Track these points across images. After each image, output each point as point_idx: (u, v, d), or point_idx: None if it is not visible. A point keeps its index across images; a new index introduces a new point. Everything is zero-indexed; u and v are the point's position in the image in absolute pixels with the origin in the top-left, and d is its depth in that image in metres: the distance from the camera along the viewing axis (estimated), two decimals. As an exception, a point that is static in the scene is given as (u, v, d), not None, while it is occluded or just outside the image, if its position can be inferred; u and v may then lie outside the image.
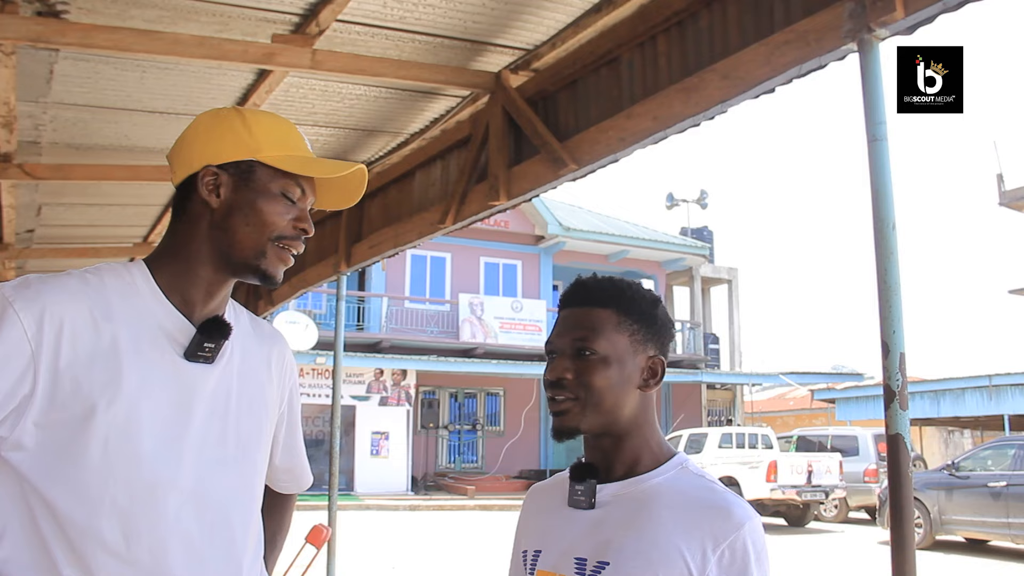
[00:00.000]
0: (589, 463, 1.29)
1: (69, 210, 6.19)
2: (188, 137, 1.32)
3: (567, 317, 1.29)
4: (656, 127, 3.06)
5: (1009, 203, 20.62)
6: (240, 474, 1.30)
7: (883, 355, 2.13)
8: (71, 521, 1.14)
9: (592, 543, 1.23)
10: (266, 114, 1.36)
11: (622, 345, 1.26)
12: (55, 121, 4.39)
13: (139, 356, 1.20)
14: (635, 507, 1.22)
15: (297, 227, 1.29)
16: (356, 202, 1.40)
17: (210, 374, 1.27)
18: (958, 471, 12.35)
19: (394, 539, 12.71)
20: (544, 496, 1.39)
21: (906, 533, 2.11)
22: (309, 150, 1.35)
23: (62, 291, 1.18)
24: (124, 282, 1.24)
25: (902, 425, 2.11)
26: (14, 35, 3.12)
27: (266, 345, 1.42)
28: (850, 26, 2.32)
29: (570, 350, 1.26)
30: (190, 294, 1.27)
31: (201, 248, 1.27)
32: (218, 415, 1.28)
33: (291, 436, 1.50)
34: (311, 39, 3.42)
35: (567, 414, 1.24)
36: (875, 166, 2.22)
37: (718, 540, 1.15)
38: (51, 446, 1.14)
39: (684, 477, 1.25)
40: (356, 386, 19.49)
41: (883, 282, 2.16)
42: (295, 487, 1.57)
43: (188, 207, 1.29)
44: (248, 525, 1.32)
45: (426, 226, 4.56)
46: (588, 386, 1.23)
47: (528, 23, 3.47)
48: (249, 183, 1.27)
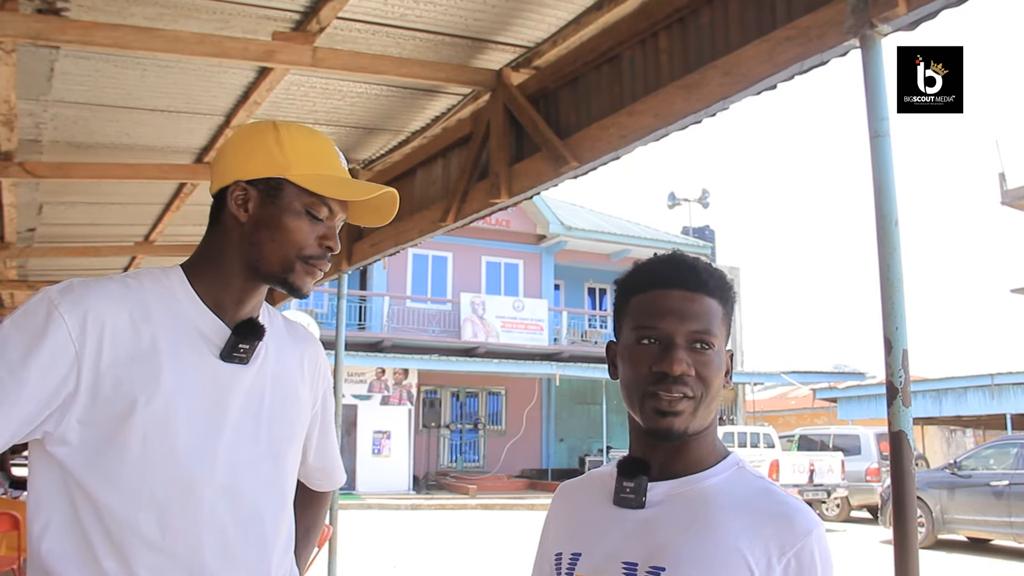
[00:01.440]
0: (638, 458, 1.18)
1: (70, 209, 6.19)
2: (226, 149, 1.37)
3: (677, 301, 1.15)
4: (657, 124, 3.05)
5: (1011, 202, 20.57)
6: (272, 471, 1.35)
7: (886, 351, 2.12)
8: (111, 513, 1.19)
9: (643, 546, 1.12)
10: (302, 129, 1.38)
11: (723, 340, 1.17)
12: (56, 119, 4.39)
13: (176, 356, 1.25)
14: (692, 508, 1.13)
15: (323, 244, 1.32)
16: (389, 222, 1.41)
17: (245, 374, 1.32)
18: (960, 470, 12.34)
19: (395, 538, 12.71)
20: (578, 494, 1.29)
21: (909, 530, 2.10)
22: (343, 167, 1.38)
23: (104, 295, 1.23)
24: (162, 287, 1.29)
25: (905, 422, 2.10)
26: (14, 33, 3.11)
27: (299, 347, 1.46)
28: (852, 22, 2.31)
29: (686, 342, 1.13)
30: (224, 299, 1.32)
31: (233, 258, 1.32)
32: (252, 414, 1.32)
33: (324, 436, 1.54)
34: (312, 36, 3.42)
35: (681, 415, 1.12)
36: (877, 162, 2.21)
37: (784, 548, 1.07)
38: (93, 441, 1.20)
39: (742, 478, 1.17)
40: (358, 385, 19.50)
41: (886, 279, 2.15)
42: (328, 485, 1.62)
43: (221, 218, 1.34)
44: (279, 521, 1.36)
45: (427, 224, 4.55)
46: (707, 384, 1.13)
47: (529, 20, 3.46)
48: (276, 200, 1.30)
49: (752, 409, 25.77)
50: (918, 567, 2.10)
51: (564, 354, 22.27)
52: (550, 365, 21.02)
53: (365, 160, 5.22)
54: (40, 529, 1.20)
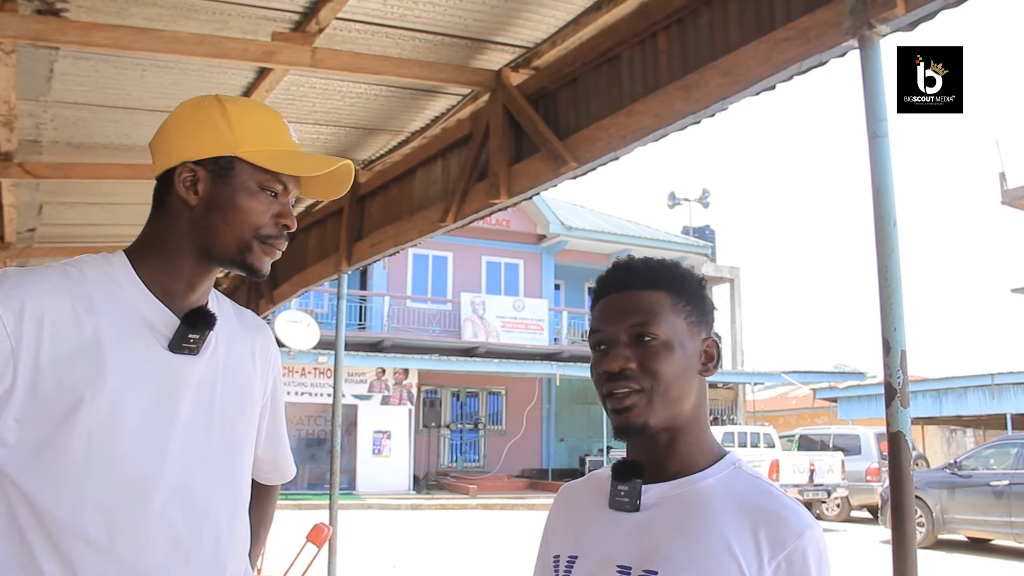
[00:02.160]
0: (633, 461, 1.18)
1: (70, 209, 6.19)
2: (168, 128, 1.28)
3: (615, 303, 1.18)
4: (656, 124, 3.05)
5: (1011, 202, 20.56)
6: (226, 466, 1.29)
7: (884, 352, 2.12)
8: (52, 516, 1.12)
9: (637, 549, 1.12)
10: (248, 104, 1.32)
11: (680, 328, 1.16)
12: (56, 120, 4.39)
13: (123, 349, 1.18)
14: (685, 510, 1.12)
15: (279, 223, 1.27)
16: (343, 194, 1.36)
17: (195, 365, 1.25)
18: (960, 470, 12.34)
19: (395, 538, 12.71)
20: (577, 496, 1.29)
21: (907, 531, 2.10)
22: (294, 141, 1.31)
23: (42, 284, 1.16)
24: (105, 274, 1.22)
25: (903, 423, 2.10)
26: (14, 33, 3.11)
27: (250, 335, 1.40)
28: (851, 23, 2.31)
29: (627, 337, 1.14)
30: (172, 286, 1.26)
31: (182, 242, 1.25)
32: (203, 407, 1.26)
33: (274, 427, 1.47)
34: (311, 37, 3.42)
35: (633, 409, 1.12)
36: (876, 163, 2.21)
37: (775, 550, 1.06)
38: (32, 441, 1.13)
39: (738, 478, 1.15)
40: (358, 385, 19.50)
41: (884, 279, 2.15)
42: (278, 478, 1.54)
43: (167, 201, 1.27)
44: (235, 519, 1.30)
45: (427, 224, 4.55)
46: (655, 375, 1.12)
47: (529, 21, 3.46)
48: (228, 179, 1.24)
49: (752, 409, 25.76)
50: (916, 568, 2.10)
51: (564, 354, 22.27)
52: (550, 365, 21.03)
53: (365, 160, 5.22)
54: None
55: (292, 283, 6.60)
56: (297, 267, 6.54)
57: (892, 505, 2.13)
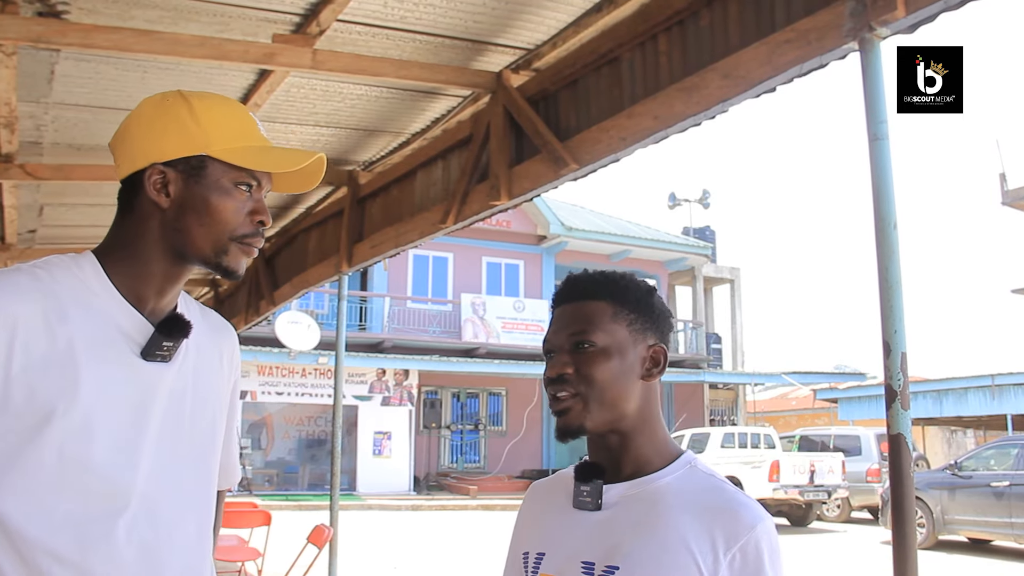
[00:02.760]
0: (594, 463, 1.25)
1: (71, 210, 6.20)
2: (131, 129, 1.23)
3: (561, 314, 1.26)
4: (657, 126, 3.05)
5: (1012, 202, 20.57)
6: (195, 477, 1.25)
7: (884, 354, 2.13)
8: (22, 535, 1.07)
9: (600, 547, 1.18)
10: (214, 98, 1.27)
11: (621, 335, 1.22)
12: (56, 121, 4.40)
13: (96, 359, 1.13)
14: (644, 509, 1.18)
15: (255, 220, 1.23)
16: (314, 186, 1.33)
17: (166, 373, 1.21)
18: (961, 471, 12.33)
19: (396, 539, 12.72)
20: (546, 495, 1.35)
21: (907, 532, 2.11)
22: (263, 136, 1.28)
23: (13, 290, 1.11)
24: (76, 278, 1.17)
25: (903, 425, 2.10)
26: (15, 35, 3.12)
27: (217, 338, 1.35)
28: (851, 25, 2.32)
29: (568, 345, 1.22)
30: (143, 291, 1.21)
31: (154, 246, 1.21)
32: (173, 416, 1.22)
33: (229, 431, 1.41)
34: (312, 39, 3.42)
35: (570, 412, 1.20)
36: (876, 165, 2.22)
37: (729, 543, 1.11)
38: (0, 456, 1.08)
39: (694, 476, 1.21)
40: (358, 386, 19.51)
41: (884, 281, 2.16)
42: (225, 483, 1.46)
43: (136, 203, 1.21)
44: (204, 528, 1.27)
45: (427, 226, 4.55)
46: (590, 380, 1.19)
47: (529, 23, 3.46)
48: (200, 179, 1.19)
49: (753, 410, 25.78)
50: (916, 569, 2.11)
51: (564, 355, 22.22)
52: (551, 366, 21.00)
53: (365, 162, 5.23)
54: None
55: (292, 284, 6.60)
56: (297, 268, 6.54)
57: (892, 506, 2.14)
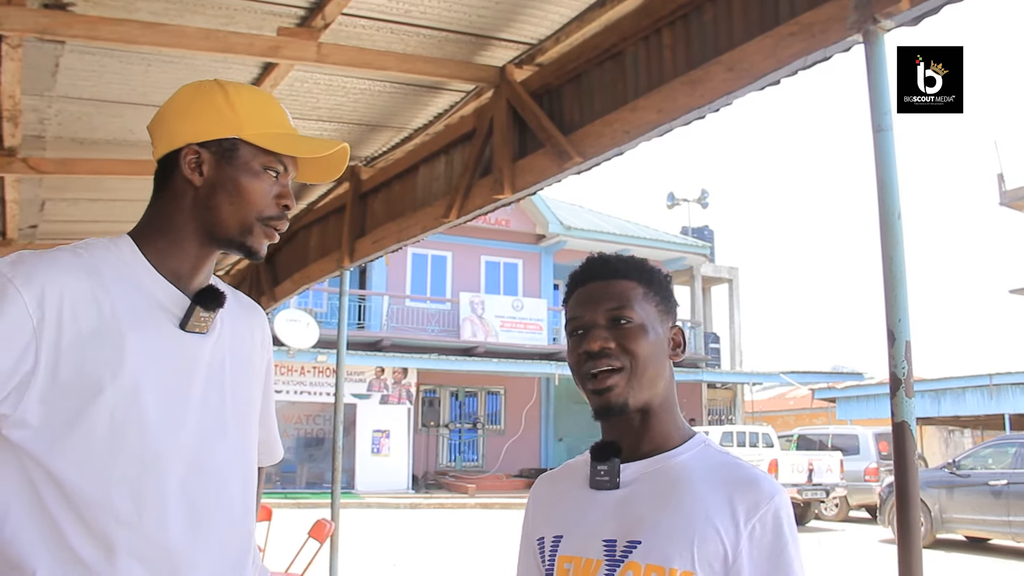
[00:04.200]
0: (611, 442, 1.25)
1: (72, 206, 6.20)
2: (169, 112, 1.31)
3: (592, 291, 1.26)
4: (661, 120, 3.07)
5: (1010, 203, 20.63)
6: (238, 442, 1.32)
7: (889, 343, 2.14)
8: (81, 495, 1.14)
9: (620, 523, 1.20)
10: (249, 89, 1.35)
11: (652, 314, 1.25)
12: (60, 115, 4.40)
13: (139, 328, 1.20)
14: (663, 484, 1.20)
15: (280, 204, 1.30)
16: (337, 177, 1.40)
17: (204, 345, 1.28)
18: (959, 469, 12.36)
19: (395, 537, 12.72)
20: (556, 483, 1.36)
21: (912, 519, 2.11)
22: (291, 125, 1.35)
23: (59, 266, 1.18)
24: (115, 257, 1.24)
25: (907, 412, 2.12)
26: (21, 27, 3.13)
27: (249, 316, 1.43)
28: (855, 17, 2.33)
29: (605, 320, 1.23)
30: (179, 267, 1.28)
31: (186, 224, 1.28)
32: (215, 385, 1.28)
33: (266, 408, 1.48)
34: (316, 32, 3.43)
35: (614, 389, 1.20)
36: (881, 156, 2.23)
37: (749, 513, 1.14)
38: (57, 422, 1.14)
39: (709, 454, 1.24)
40: (357, 384, 19.51)
41: (889, 272, 2.17)
42: (267, 459, 1.55)
43: (170, 183, 1.29)
44: (247, 493, 1.33)
45: (430, 220, 4.56)
46: (633, 354, 1.20)
47: (533, 17, 3.48)
48: (232, 161, 1.27)
49: (751, 409, 25.80)
50: (921, 560, 2.12)
51: (563, 354, 22.20)
52: (549, 365, 21.04)
53: (368, 157, 5.24)
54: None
55: (294, 280, 6.61)
56: (299, 264, 6.55)
57: (897, 494, 2.15)
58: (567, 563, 1.22)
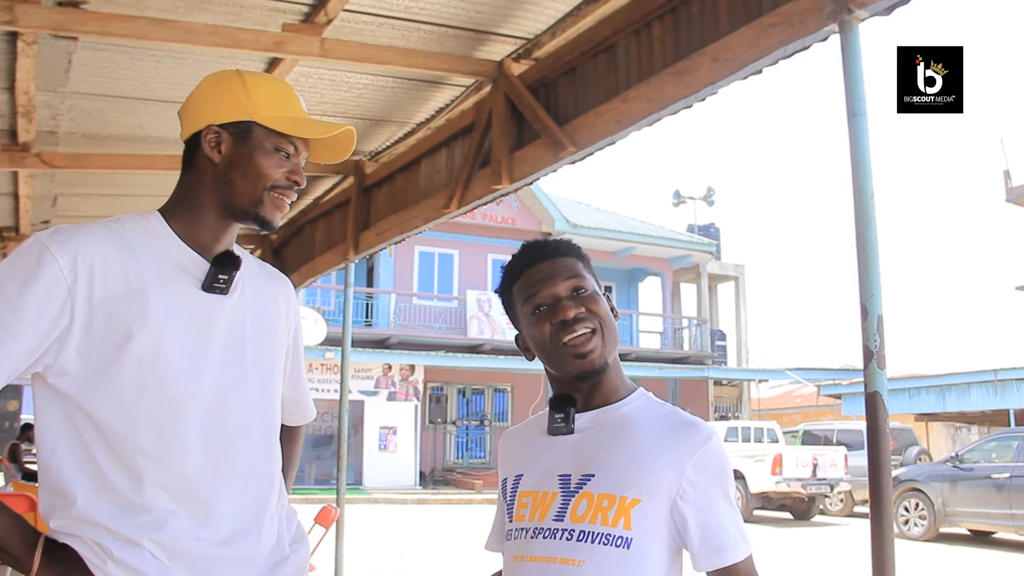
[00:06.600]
0: (567, 394, 1.40)
1: (84, 201, 6.33)
2: (195, 97, 1.48)
3: (541, 270, 1.40)
4: (650, 109, 3.18)
5: (1016, 200, 20.59)
6: (258, 394, 1.46)
7: (862, 317, 2.25)
8: (113, 431, 1.32)
9: (575, 460, 1.35)
10: (265, 77, 1.52)
11: (594, 283, 1.42)
12: (72, 111, 4.53)
13: (163, 289, 1.36)
14: (613, 428, 1.36)
15: (290, 178, 1.45)
16: (347, 157, 1.55)
17: (225, 304, 1.43)
18: (962, 463, 12.41)
19: (402, 531, 12.85)
20: (519, 435, 1.52)
21: (883, 485, 2.22)
22: (304, 110, 1.50)
23: (91, 235, 1.35)
24: (143, 228, 1.41)
25: (880, 383, 2.23)
26: (37, 24, 3.25)
27: (273, 284, 1.58)
28: (831, 8, 2.44)
29: (566, 293, 1.37)
30: (201, 237, 1.44)
31: (207, 197, 1.44)
32: (235, 342, 1.44)
33: (296, 368, 1.64)
34: (320, 28, 3.55)
35: (596, 351, 1.34)
36: (855, 140, 2.34)
37: (692, 449, 1.30)
38: (91, 370, 1.32)
39: (651, 404, 1.40)
40: (364, 381, 19.64)
41: (862, 249, 2.28)
42: (300, 418, 1.73)
43: (194, 161, 1.46)
44: (268, 440, 1.47)
45: (432, 212, 4.68)
46: (600, 316, 1.36)
47: (529, 13, 3.59)
48: (247, 141, 1.43)
49: (757, 406, 25.84)
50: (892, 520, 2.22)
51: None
52: (555, 362, 21.08)
53: (371, 151, 5.36)
54: (48, 454, 1.32)
55: (300, 273, 6.74)
56: (306, 257, 6.68)
57: (869, 463, 2.26)
58: (526, 497, 1.39)
